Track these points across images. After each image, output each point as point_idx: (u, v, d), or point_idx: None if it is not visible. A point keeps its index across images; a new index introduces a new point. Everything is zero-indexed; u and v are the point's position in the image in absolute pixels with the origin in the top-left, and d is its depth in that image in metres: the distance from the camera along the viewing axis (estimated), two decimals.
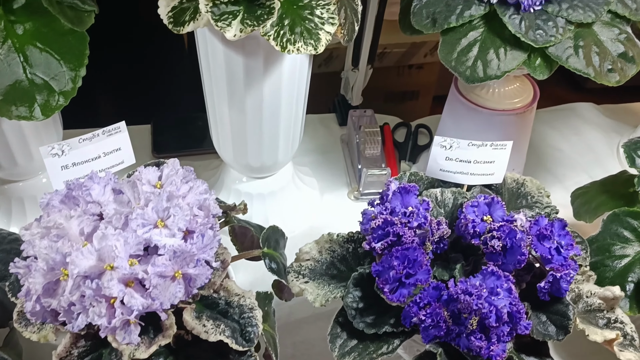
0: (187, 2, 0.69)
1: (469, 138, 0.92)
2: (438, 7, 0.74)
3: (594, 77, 0.72)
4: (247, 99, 0.80)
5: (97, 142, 0.67)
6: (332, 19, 0.68)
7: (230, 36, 0.64)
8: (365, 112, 1.10)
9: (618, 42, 0.73)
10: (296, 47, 0.66)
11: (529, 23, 0.70)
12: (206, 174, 1.04)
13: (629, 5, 0.73)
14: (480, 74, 0.72)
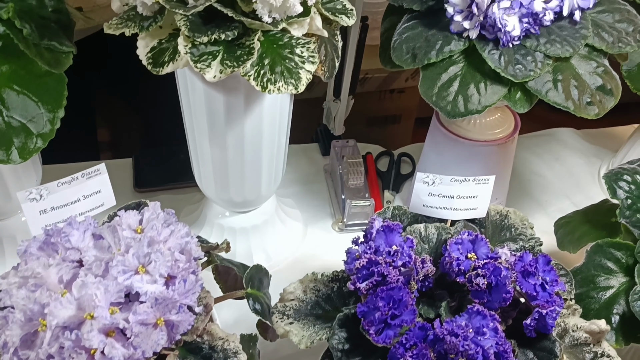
0: (165, 42, 0.68)
1: (451, 169, 0.93)
2: (418, 43, 0.75)
3: (574, 110, 0.72)
4: (228, 136, 0.79)
5: (77, 186, 0.66)
6: (313, 57, 0.68)
7: (210, 77, 0.64)
8: (347, 142, 1.10)
9: (596, 75, 0.74)
10: (277, 87, 0.66)
11: (508, 58, 0.71)
12: (188, 207, 1.03)
13: (606, 39, 0.74)
14: (462, 108, 0.73)
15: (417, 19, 0.77)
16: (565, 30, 0.73)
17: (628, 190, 0.76)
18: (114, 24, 0.69)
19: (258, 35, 0.66)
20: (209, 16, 0.67)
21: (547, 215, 1.08)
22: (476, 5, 0.69)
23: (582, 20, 0.73)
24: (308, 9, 0.67)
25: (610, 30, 0.75)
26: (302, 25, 0.69)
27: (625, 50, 0.74)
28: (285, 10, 0.65)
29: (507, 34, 0.69)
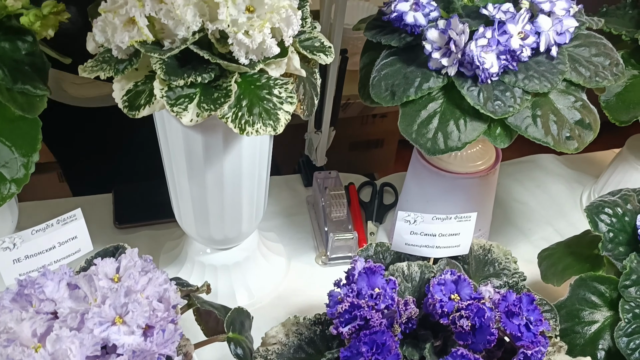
0: (142, 84, 0.67)
1: (433, 201, 0.93)
2: (396, 80, 0.74)
3: (553, 145, 0.72)
4: (207, 175, 0.78)
5: (52, 232, 0.64)
6: (291, 97, 0.68)
7: (187, 121, 0.63)
8: (330, 174, 1.10)
9: (574, 110, 0.74)
10: (255, 129, 0.65)
11: (487, 94, 0.71)
12: (169, 244, 1.01)
13: (583, 73, 0.75)
14: (442, 145, 0.72)
15: (396, 55, 0.77)
16: (543, 66, 0.73)
17: (610, 224, 0.76)
18: (89, 67, 0.68)
19: (235, 77, 0.66)
20: (185, 58, 0.66)
21: (530, 243, 1.08)
22: (454, 43, 0.69)
23: (559, 56, 0.73)
24: (285, 50, 0.67)
25: (587, 65, 0.75)
26: (279, 65, 0.68)
27: (602, 84, 0.75)
28: (262, 51, 0.65)
29: (486, 71, 0.69)
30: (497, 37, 0.68)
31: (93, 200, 1.11)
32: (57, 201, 1.10)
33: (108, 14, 0.63)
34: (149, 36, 0.62)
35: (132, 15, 0.62)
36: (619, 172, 1.07)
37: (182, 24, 0.63)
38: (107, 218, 1.08)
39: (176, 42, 0.65)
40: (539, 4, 0.70)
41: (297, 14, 0.65)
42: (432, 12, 0.74)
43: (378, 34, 0.79)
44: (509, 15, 0.70)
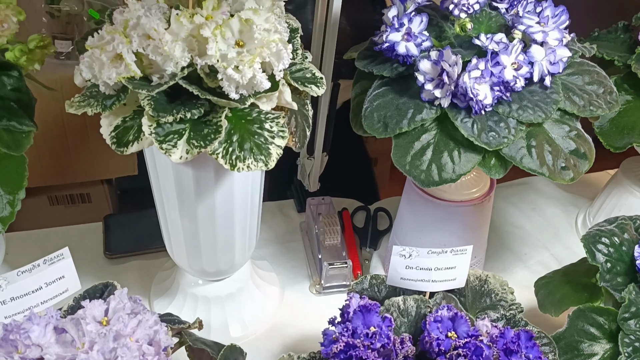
0: (130, 120, 0.66)
1: (427, 229, 0.92)
2: (389, 111, 0.74)
3: (549, 176, 0.71)
4: (198, 208, 0.77)
5: (38, 273, 0.63)
6: (283, 131, 0.66)
7: (176, 159, 0.62)
8: (323, 200, 1.09)
9: (569, 139, 0.74)
10: (246, 165, 0.64)
11: (481, 125, 0.70)
12: (160, 274, 0.99)
13: (577, 102, 0.74)
14: (436, 177, 0.71)
15: (388, 86, 0.76)
16: (537, 95, 0.72)
17: (607, 254, 0.75)
18: (76, 102, 0.67)
19: (225, 112, 0.65)
20: (174, 92, 0.65)
21: (527, 268, 1.07)
22: (447, 75, 0.68)
23: (553, 85, 0.73)
24: (276, 84, 0.66)
25: (580, 94, 0.75)
26: (270, 99, 0.67)
27: (596, 113, 0.74)
28: (253, 86, 0.64)
29: (479, 103, 0.68)
30: (491, 69, 0.68)
31: (83, 230, 1.10)
32: (46, 231, 1.09)
33: (95, 49, 0.62)
34: (136, 72, 0.61)
35: (120, 52, 0.60)
36: (614, 196, 1.07)
37: (171, 59, 0.62)
38: (97, 247, 1.06)
39: (165, 78, 0.64)
40: (531, 34, 0.70)
41: (287, 48, 0.64)
42: (424, 42, 0.73)
43: (370, 63, 0.78)
44: (502, 45, 0.69)
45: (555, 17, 0.71)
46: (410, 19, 0.73)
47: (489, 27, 0.78)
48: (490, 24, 0.78)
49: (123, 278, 1.00)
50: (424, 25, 0.73)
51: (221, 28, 0.62)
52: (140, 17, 0.61)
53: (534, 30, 0.70)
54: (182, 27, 0.61)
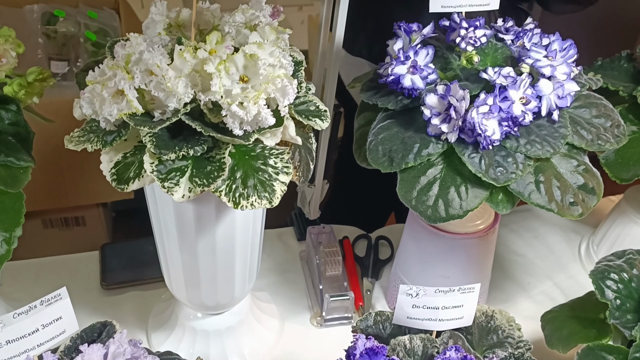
0: (131, 156, 0.64)
1: (431, 262, 0.90)
2: (394, 145, 0.72)
3: (558, 212, 0.70)
4: (199, 243, 0.75)
5: (35, 315, 0.61)
6: (287, 167, 0.65)
7: (179, 197, 0.60)
8: (323, 228, 1.07)
9: (577, 174, 0.72)
10: (250, 202, 0.62)
11: (489, 161, 0.69)
12: (159, 306, 0.97)
13: (585, 137, 0.73)
14: (443, 213, 0.70)
15: (393, 118, 0.75)
16: (545, 130, 0.71)
17: (616, 290, 0.73)
18: (75, 137, 0.65)
19: (229, 148, 0.63)
20: (176, 127, 0.64)
21: (530, 299, 1.05)
22: (454, 109, 0.67)
23: (561, 119, 0.72)
24: (281, 120, 0.64)
25: (588, 127, 0.74)
26: (275, 134, 0.66)
27: (604, 148, 0.73)
28: (257, 122, 0.62)
29: (488, 139, 0.67)
30: (499, 104, 0.66)
31: (79, 259, 1.08)
32: (41, 261, 1.07)
33: (96, 85, 0.61)
34: (138, 109, 0.60)
35: (121, 88, 0.59)
36: (618, 225, 1.05)
37: (174, 95, 0.60)
38: (93, 277, 1.04)
39: (167, 113, 0.62)
40: (539, 68, 0.69)
41: (292, 84, 0.63)
42: (430, 75, 0.72)
43: (374, 95, 0.77)
44: (510, 80, 0.68)
45: (563, 51, 0.70)
46: (416, 51, 0.72)
47: (495, 58, 0.77)
48: (497, 56, 0.77)
49: (120, 310, 0.98)
50: (429, 57, 0.72)
51: (225, 63, 0.61)
52: (142, 52, 0.60)
53: (542, 64, 0.69)
54: (186, 63, 0.59)
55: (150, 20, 0.69)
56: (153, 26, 0.69)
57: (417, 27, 0.75)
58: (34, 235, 1.81)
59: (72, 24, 1.74)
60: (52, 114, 0.84)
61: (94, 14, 1.77)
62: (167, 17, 0.71)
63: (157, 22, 0.69)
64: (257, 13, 0.66)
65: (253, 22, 0.67)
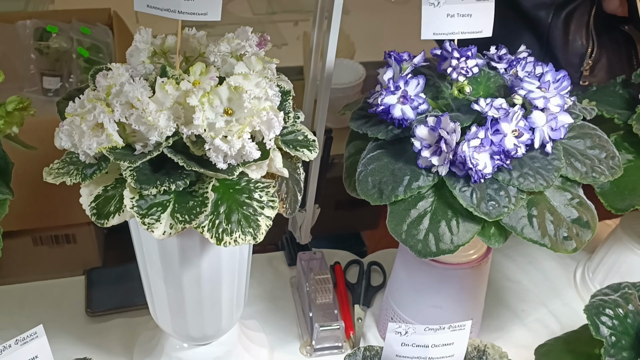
0: (112, 189, 0.63)
1: (423, 291, 0.88)
2: (384, 176, 0.71)
3: (551, 247, 0.68)
4: (183, 276, 0.73)
5: (10, 355, 0.59)
6: (273, 201, 0.63)
7: (159, 234, 0.58)
8: (314, 254, 1.05)
9: (571, 207, 0.71)
10: (233, 239, 0.60)
11: (481, 194, 0.67)
12: (145, 335, 0.95)
13: (579, 169, 0.71)
14: (433, 248, 0.68)
15: (383, 148, 0.73)
16: (538, 162, 0.69)
17: (611, 326, 0.71)
18: (55, 170, 0.63)
19: (213, 182, 0.61)
20: (159, 160, 0.62)
21: (525, 327, 1.03)
22: (445, 142, 0.66)
23: (554, 151, 0.70)
24: (267, 153, 0.63)
25: (582, 159, 0.72)
26: (260, 167, 0.64)
27: (599, 180, 0.71)
28: (242, 156, 0.61)
29: (479, 172, 0.65)
30: (491, 137, 0.65)
31: (65, 284, 1.05)
32: (25, 286, 1.04)
33: (75, 117, 0.59)
34: (118, 142, 0.58)
35: (101, 121, 0.57)
36: (614, 252, 1.04)
37: (155, 129, 0.58)
38: (79, 303, 1.02)
39: (149, 146, 0.61)
40: (532, 100, 0.67)
41: (279, 116, 0.61)
42: (420, 105, 0.71)
43: (364, 124, 0.76)
44: (502, 112, 0.66)
45: (557, 83, 0.68)
46: (407, 81, 0.70)
47: (487, 87, 0.75)
48: (489, 85, 0.75)
49: (105, 338, 0.96)
50: (420, 87, 0.71)
51: (209, 95, 0.59)
52: (123, 84, 0.58)
53: (535, 95, 0.67)
54: (168, 96, 0.58)
55: (134, 48, 0.68)
56: (137, 54, 0.67)
57: (407, 55, 0.74)
58: (24, 253, 1.78)
59: (65, 39, 1.73)
60: (43, 131, 0.82)
61: (87, 29, 1.76)
62: (152, 44, 0.70)
63: (141, 50, 0.67)
64: (243, 43, 0.64)
65: (239, 52, 0.65)
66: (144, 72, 0.67)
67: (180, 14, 0.64)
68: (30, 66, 1.72)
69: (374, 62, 2.05)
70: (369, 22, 2.26)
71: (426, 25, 0.75)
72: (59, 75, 1.75)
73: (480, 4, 0.76)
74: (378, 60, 2.16)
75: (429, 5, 0.75)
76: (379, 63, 1.61)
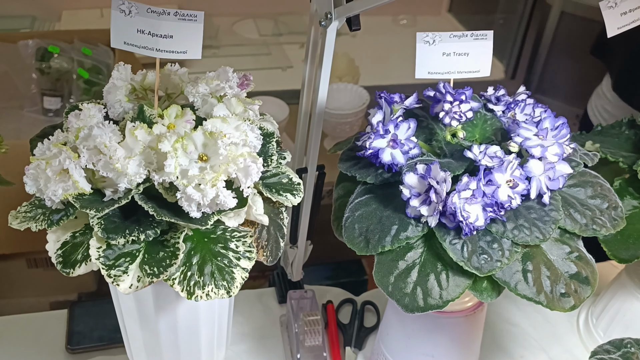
0: (80, 235, 0.59)
1: (415, 338, 0.84)
2: (371, 224, 0.67)
3: (547, 305, 0.64)
4: (159, 322, 0.70)
5: None
6: (250, 252, 0.60)
7: (125, 288, 0.55)
8: (305, 293, 1.01)
9: (570, 262, 0.67)
10: (205, 292, 0.57)
11: (472, 247, 0.63)
12: None
13: (578, 221, 0.67)
14: (421, 303, 0.64)
15: (372, 193, 0.70)
16: (534, 213, 0.65)
17: None
18: (22, 213, 0.60)
19: (185, 231, 0.58)
20: (131, 206, 0.59)
21: None
22: (434, 191, 0.62)
23: (552, 201, 0.66)
24: (244, 201, 0.59)
25: (582, 210, 0.68)
26: (238, 215, 0.61)
27: (600, 233, 0.67)
28: (216, 205, 0.57)
29: (470, 225, 0.61)
30: (483, 188, 0.61)
31: (46, 318, 1.02)
32: (5, 319, 1.01)
33: (40, 162, 0.56)
34: (84, 190, 0.55)
35: (66, 167, 0.54)
36: (618, 299, 0.99)
37: (125, 176, 0.55)
38: (59, 339, 0.98)
39: (119, 192, 0.57)
40: (529, 148, 0.63)
41: (258, 162, 0.58)
42: (411, 150, 0.67)
43: (353, 167, 0.72)
44: (497, 161, 0.63)
45: (555, 130, 0.65)
46: (397, 124, 0.67)
47: (484, 130, 0.72)
48: (486, 127, 0.72)
49: None
50: (411, 131, 0.67)
51: (183, 141, 0.56)
52: (92, 128, 0.55)
53: (532, 143, 0.63)
54: (137, 142, 0.55)
55: (111, 85, 0.65)
56: (114, 91, 0.64)
57: (399, 97, 0.70)
58: (18, 275, 1.76)
59: (66, 60, 1.72)
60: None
61: (88, 50, 1.75)
62: (132, 80, 0.67)
63: (119, 87, 0.64)
64: (222, 84, 0.61)
65: (218, 93, 0.62)
66: (121, 111, 0.64)
67: (158, 52, 0.61)
68: (32, 86, 1.72)
69: (379, 86, 2.02)
70: (375, 44, 2.23)
71: (421, 64, 0.72)
72: (60, 96, 1.73)
73: (478, 42, 0.73)
74: (383, 84, 2.13)
75: (423, 44, 0.71)
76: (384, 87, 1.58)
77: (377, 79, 2.01)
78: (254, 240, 0.63)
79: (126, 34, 0.60)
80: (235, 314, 1.02)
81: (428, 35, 0.71)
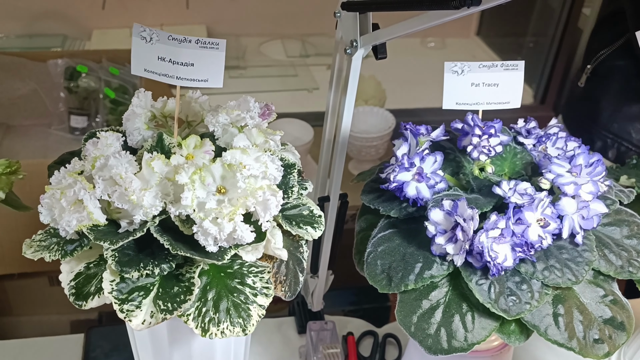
0: (94, 266, 0.58)
1: None
2: (394, 261, 0.64)
3: (579, 352, 0.61)
4: (174, 356, 0.68)
5: None
6: (267, 288, 0.58)
7: (137, 324, 0.53)
8: (326, 325, 0.98)
9: (604, 305, 0.63)
10: (220, 330, 0.55)
11: (500, 289, 0.60)
12: None
13: (613, 262, 0.64)
14: (445, 345, 0.61)
15: (395, 227, 0.67)
16: (566, 253, 0.62)
17: None
18: (36, 242, 0.59)
19: (201, 265, 0.56)
20: (146, 238, 0.57)
21: None
22: (461, 229, 0.59)
23: (585, 241, 0.63)
24: (263, 235, 0.57)
25: (618, 251, 0.65)
26: (256, 249, 0.59)
27: (637, 276, 0.64)
28: (234, 239, 0.55)
29: (498, 265, 0.58)
30: (512, 227, 0.58)
31: (63, 341, 1.01)
32: (22, 342, 1.00)
33: (55, 191, 0.54)
34: (99, 221, 0.53)
35: (81, 198, 0.53)
36: None
37: (140, 207, 0.53)
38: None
39: (134, 224, 0.56)
40: (561, 185, 0.61)
41: (277, 195, 0.56)
42: (438, 184, 0.65)
43: (376, 199, 0.70)
44: (527, 198, 0.60)
45: (590, 167, 0.62)
46: (423, 157, 0.64)
47: (513, 164, 0.69)
48: (515, 162, 0.69)
49: None
50: (438, 165, 0.65)
51: (201, 172, 0.54)
52: (108, 158, 0.54)
53: (565, 181, 0.60)
54: (154, 174, 0.53)
55: (130, 112, 0.63)
56: (133, 119, 0.63)
57: (425, 129, 0.68)
58: (40, 293, 1.76)
59: (94, 79, 1.74)
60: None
61: (115, 70, 1.76)
62: (152, 107, 0.66)
63: (138, 114, 0.63)
64: (243, 114, 0.60)
65: (239, 124, 0.60)
66: (140, 139, 0.63)
67: (178, 79, 0.59)
68: (59, 104, 1.73)
69: (406, 109, 1.99)
70: (402, 67, 2.21)
71: (448, 94, 0.69)
72: (87, 115, 1.75)
73: (509, 73, 0.70)
74: (410, 108, 2.09)
75: (451, 74, 0.69)
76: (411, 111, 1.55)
77: (404, 102, 1.98)
78: (272, 275, 0.61)
79: (147, 60, 0.59)
80: (253, 343, 1.00)
81: (457, 65, 0.69)
